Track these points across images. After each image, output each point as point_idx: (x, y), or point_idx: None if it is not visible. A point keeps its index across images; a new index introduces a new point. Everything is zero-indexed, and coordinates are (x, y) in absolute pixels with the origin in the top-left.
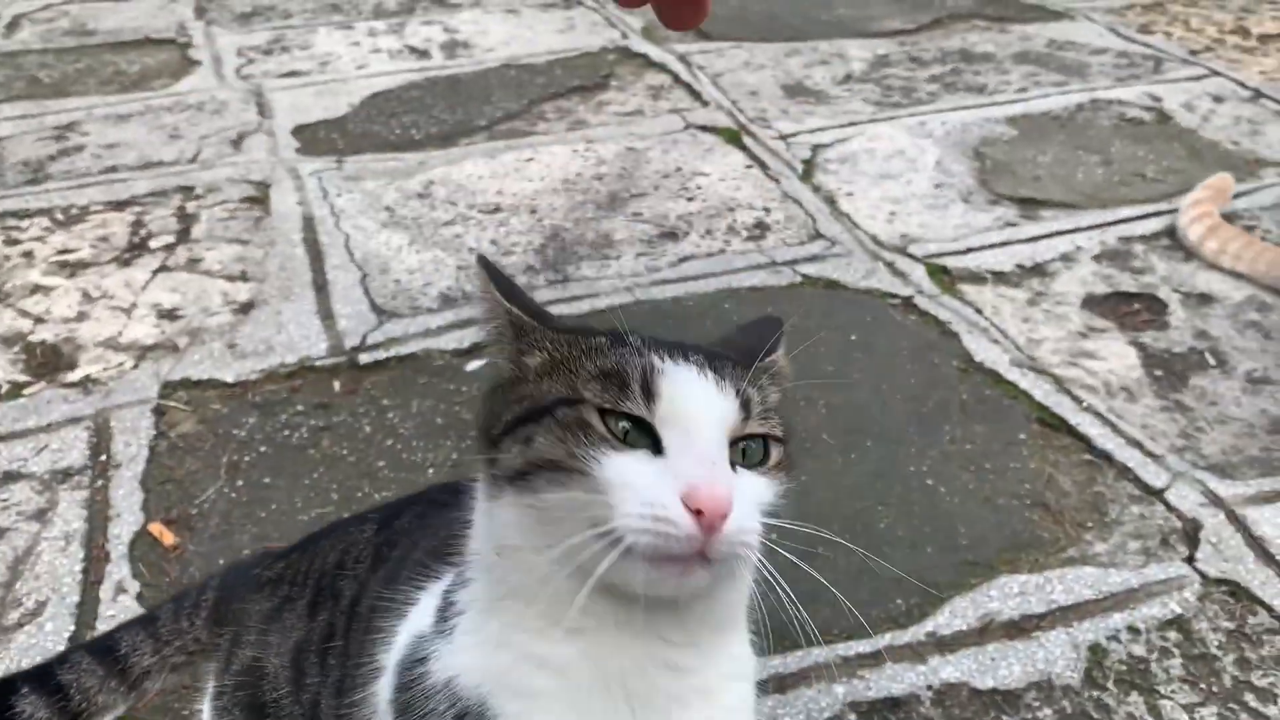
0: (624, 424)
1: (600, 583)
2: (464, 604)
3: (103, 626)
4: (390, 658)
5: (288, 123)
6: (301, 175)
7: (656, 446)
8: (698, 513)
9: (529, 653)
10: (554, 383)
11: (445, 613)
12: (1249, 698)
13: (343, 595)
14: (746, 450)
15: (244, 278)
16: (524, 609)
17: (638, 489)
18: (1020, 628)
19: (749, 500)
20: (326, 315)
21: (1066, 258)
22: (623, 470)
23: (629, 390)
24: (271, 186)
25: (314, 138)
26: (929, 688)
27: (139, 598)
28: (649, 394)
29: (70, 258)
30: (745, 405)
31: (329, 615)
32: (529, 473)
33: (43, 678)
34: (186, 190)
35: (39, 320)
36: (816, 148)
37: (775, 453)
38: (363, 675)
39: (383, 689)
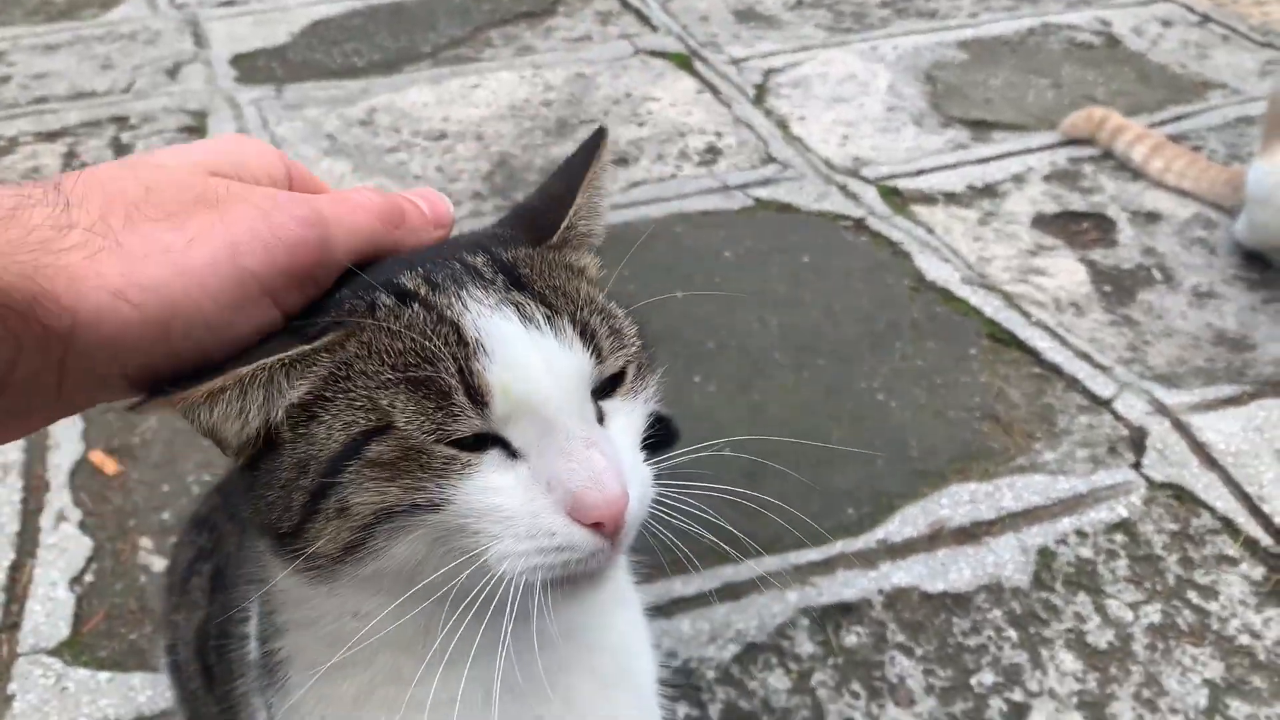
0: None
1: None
2: (289, 656)
3: (44, 555)
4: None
5: (225, 52)
6: (240, 104)
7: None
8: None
9: (411, 698)
10: (336, 418)
11: (268, 661)
12: (1191, 594)
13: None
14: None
15: None
16: (391, 659)
17: (511, 517)
18: (970, 533)
19: (633, 451)
20: None
21: (1017, 178)
22: (482, 497)
23: (452, 402)
24: (209, 115)
25: (253, 66)
26: (880, 592)
27: (81, 525)
28: (477, 396)
29: None
30: (594, 342)
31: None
32: (358, 540)
33: None
34: (121, 120)
35: None
36: (768, 72)
37: (632, 369)
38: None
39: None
